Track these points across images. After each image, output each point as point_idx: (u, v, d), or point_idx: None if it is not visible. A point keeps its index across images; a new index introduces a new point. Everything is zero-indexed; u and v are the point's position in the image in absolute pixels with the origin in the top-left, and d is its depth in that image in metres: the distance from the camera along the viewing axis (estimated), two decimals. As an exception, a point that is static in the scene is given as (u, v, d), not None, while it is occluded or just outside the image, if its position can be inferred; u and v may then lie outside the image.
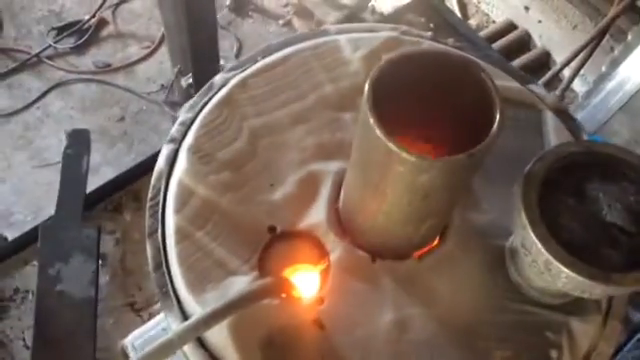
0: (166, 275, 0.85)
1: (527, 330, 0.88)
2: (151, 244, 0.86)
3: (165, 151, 0.94)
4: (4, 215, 2.73)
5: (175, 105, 2.96)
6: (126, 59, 3.26)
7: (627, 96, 2.54)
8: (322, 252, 0.88)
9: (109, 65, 3.24)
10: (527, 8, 3.30)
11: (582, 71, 3.01)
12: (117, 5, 3.40)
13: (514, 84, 1.04)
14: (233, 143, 0.95)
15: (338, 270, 0.87)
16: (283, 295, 0.83)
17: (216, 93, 0.99)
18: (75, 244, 1.56)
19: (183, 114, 0.97)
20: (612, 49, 2.82)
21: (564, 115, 1.02)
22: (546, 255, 0.71)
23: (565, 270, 0.70)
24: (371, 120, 0.68)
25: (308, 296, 0.87)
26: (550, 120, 1.00)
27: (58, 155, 2.82)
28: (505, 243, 0.89)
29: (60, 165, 2.68)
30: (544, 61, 3.29)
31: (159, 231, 0.88)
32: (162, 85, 3.13)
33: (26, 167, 2.90)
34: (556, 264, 0.70)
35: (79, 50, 3.27)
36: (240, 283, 0.84)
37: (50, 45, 3.21)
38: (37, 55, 3.18)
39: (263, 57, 1.04)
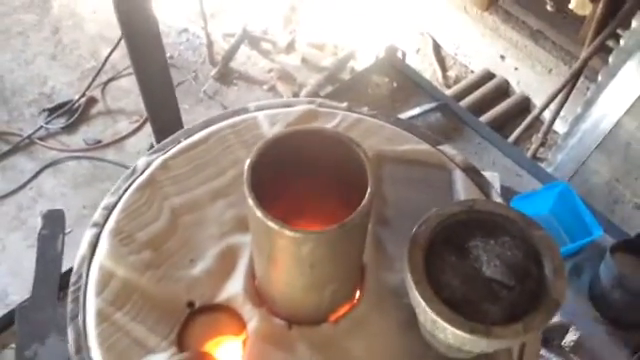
0: (86, 359, 0.88)
1: (442, 387, 0.89)
2: (72, 329, 0.90)
3: (88, 236, 0.99)
4: (0, 297, 2.79)
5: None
6: (116, 134, 3.36)
7: (602, 135, 2.58)
8: (240, 323, 0.91)
9: (100, 141, 3.33)
10: (503, 57, 3.38)
11: (562, 112, 3.07)
12: (106, 83, 3.52)
13: (424, 146, 1.08)
14: (154, 223, 1.00)
15: (256, 339, 0.90)
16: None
17: (139, 176, 1.04)
18: (51, 324, 1.58)
19: (107, 198, 1.02)
20: (588, 90, 2.87)
21: (473, 172, 1.06)
22: (431, 314, 0.74)
23: (448, 326, 0.72)
24: (250, 200, 0.72)
25: (228, 368, 0.89)
26: (459, 179, 1.04)
27: (52, 233, 2.90)
28: (415, 302, 0.92)
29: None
30: (525, 106, 3.36)
31: (80, 316, 0.91)
32: (151, 157, 3.20)
33: (21, 247, 2.96)
34: (440, 322, 0.73)
35: (70, 129, 3.37)
36: None
37: (42, 126, 3.33)
38: (29, 137, 3.29)
39: (185, 138, 1.09)
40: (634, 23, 2.36)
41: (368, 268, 0.95)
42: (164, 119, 1.86)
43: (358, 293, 0.95)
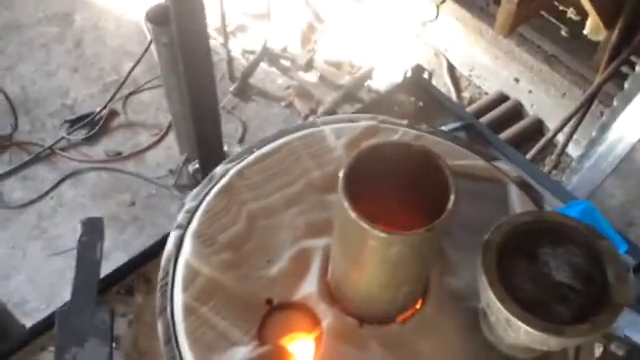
0: (175, 349, 0.95)
1: (503, 384, 0.96)
2: (161, 321, 0.97)
3: (173, 236, 1.06)
4: (19, 304, 2.81)
5: (183, 188, 3.09)
6: (136, 147, 3.41)
7: (617, 159, 2.64)
8: (314, 321, 0.99)
9: (120, 153, 3.38)
10: (517, 80, 3.47)
11: (575, 136, 3.14)
12: (127, 97, 3.58)
13: (480, 162, 1.17)
14: (232, 226, 1.08)
15: (329, 336, 0.97)
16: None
17: (217, 183, 1.12)
18: (90, 328, 1.64)
19: (188, 202, 1.10)
20: (601, 114, 2.94)
21: (527, 187, 1.14)
22: (505, 313, 0.81)
23: (523, 325, 0.80)
24: (345, 203, 0.80)
25: (304, 362, 0.96)
26: (514, 193, 1.12)
27: (71, 243, 2.92)
28: (478, 305, 0.99)
29: (73, 252, 2.78)
30: (537, 128, 3.43)
31: (168, 309, 0.99)
32: (170, 170, 3.26)
33: (40, 256, 3.00)
34: (514, 321, 0.80)
35: (91, 140, 3.43)
36: (242, 353, 0.94)
37: (63, 137, 3.38)
38: (50, 147, 3.35)
39: (258, 148, 1.18)
40: (649, 50, 2.44)
41: (432, 274, 1.03)
42: (207, 122, 1.91)
43: (422, 297, 1.02)
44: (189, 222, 1.08)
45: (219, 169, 1.15)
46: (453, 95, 3.60)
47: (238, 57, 3.72)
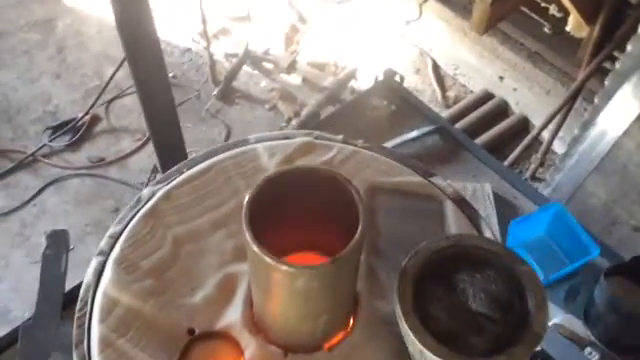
0: (90, 384, 0.92)
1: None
2: (77, 355, 0.94)
3: (93, 264, 1.03)
4: (2, 312, 2.81)
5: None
6: (119, 152, 3.39)
7: (599, 157, 2.61)
8: (238, 350, 0.95)
9: (103, 159, 3.37)
10: (501, 77, 3.43)
11: (560, 133, 3.11)
12: (109, 102, 3.56)
13: (416, 178, 1.13)
14: (157, 251, 1.04)
15: (252, 366, 0.94)
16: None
17: (143, 206, 1.08)
18: (54, 343, 1.62)
19: (112, 227, 1.06)
20: (585, 110, 2.91)
21: (463, 204, 1.10)
22: (419, 345, 0.77)
23: (435, 358, 0.76)
24: (247, 235, 0.76)
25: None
26: (450, 210, 1.08)
27: (55, 250, 2.93)
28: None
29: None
30: (523, 126, 3.40)
31: (85, 342, 0.95)
32: (154, 176, 3.24)
33: (23, 264, 3.00)
34: (428, 353, 0.77)
35: (74, 147, 3.41)
36: (161, 385, 0.91)
37: (45, 144, 3.36)
38: (33, 154, 3.33)
39: (188, 169, 1.14)
40: (629, 47, 2.39)
41: (362, 297, 0.99)
42: (166, 138, 1.89)
43: (352, 321, 0.99)
44: (112, 248, 1.04)
45: (146, 191, 1.11)
46: (438, 94, 3.56)
47: (221, 60, 3.70)
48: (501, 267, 0.82)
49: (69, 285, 1.56)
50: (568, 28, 2.90)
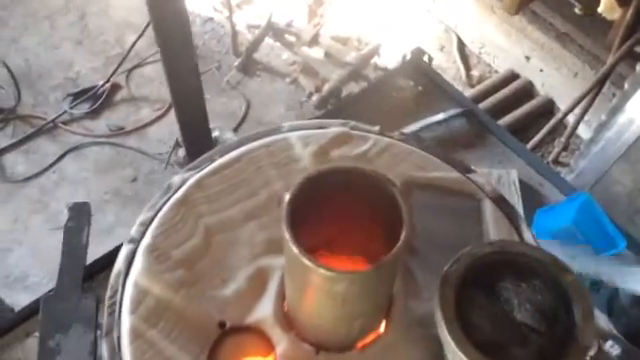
0: (120, 374, 0.90)
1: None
2: (107, 343, 0.93)
3: (124, 251, 1.01)
4: (20, 278, 2.83)
5: (181, 164, 3.06)
6: (138, 122, 3.37)
7: (626, 145, 2.56)
8: (269, 346, 0.94)
9: (122, 128, 3.35)
10: (528, 58, 3.36)
11: (586, 117, 3.06)
12: (130, 70, 3.53)
13: (454, 174, 1.09)
14: (188, 241, 1.02)
15: (283, 363, 0.92)
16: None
17: (174, 193, 1.06)
18: (75, 315, 1.62)
19: (143, 214, 1.04)
20: (613, 96, 2.85)
21: (502, 203, 1.07)
22: (460, 355, 0.75)
23: (476, 369, 0.74)
24: (287, 237, 0.74)
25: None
26: (488, 209, 1.05)
27: (74, 217, 2.93)
28: (442, 332, 0.94)
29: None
30: (548, 108, 3.34)
31: (115, 331, 0.94)
32: (172, 146, 3.22)
33: (42, 230, 3.00)
34: (469, 364, 0.75)
35: (94, 115, 3.39)
36: (191, 379, 0.89)
37: (66, 111, 3.34)
38: (53, 121, 3.31)
39: (219, 156, 1.11)
40: (663, 32, 2.34)
41: (396, 297, 0.97)
42: (190, 109, 1.86)
43: (385, 321, 0.97)
44: (142, 235, 1.03)
45: (176, 178, 1.09)
46: (462, 73, 3.50)
47: (243, 31, 3.64)
48: (547, 276, 0.80)
49: (89, 255, 1.55)
50: (600, 9, 2.83)
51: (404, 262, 1.00)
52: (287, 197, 0.77)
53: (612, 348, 1.60)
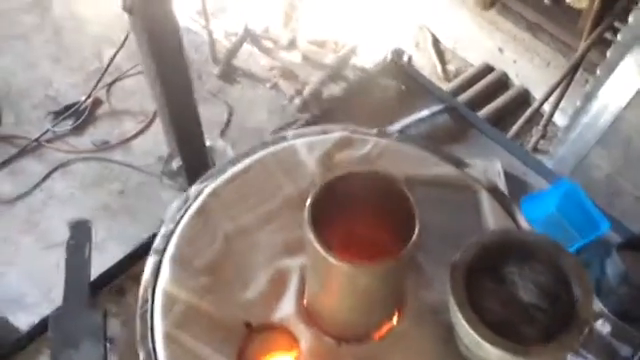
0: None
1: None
2: (143, 348, 0.99)
3: (150, 262, 1.08)
4: (16, 299, 2.82)
5: (174, 176, 3.10)
6: (122, 135, 3.39)
7: (602, 129, 2.64)
8: (293, 341, 1.01)
9: (107, 142, 3.36)
10: (501, 50, 3.45)
11: (561, 105, 3.14)
12: (110, 84, 3.54)
13: (451, 169, 1.18)
14: (209, 248, 1.09)
15: (308, 357, 0.99)
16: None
17: (192, 204, 1.13)
18: (83, 330, 1.67)
19: (165, 226, 1.11)
20: (587, 82, 2.93)
21: (498, 194, 1.15)
22: (474, 335, 0.83)
23: (491, 349, 0.82)
24: (311, 236, 0.81)
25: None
26: (485, 200, 1.13)
27: (64, 235, 2.91)
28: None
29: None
30: (524, 98, 3.43)
31: (149, 336, 1.00)
32: (159, 157, 3.25)
33: (34, 250, 3.00)
34: (484, 344, 0.82)
35: (77, 131, 3.39)
36: (225, 377, 0.96)
37: (49, 129, 3.34)
38: (37, 140, 3.31)
39: (231, 166, 1.18)
40: (631, 18, 2.41)
41: (408, 287, 1.04)
42: (185, 120, 1.91)
43: (399, 311, 1.04)
44: (166, 246, 1.09)
45: (193, 189, 1.16)
46: (438, 68, 3.58)
47: (221, 39, 3.69)
48: (547, 259, 0.88)
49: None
50: (567, -1, 2.91)
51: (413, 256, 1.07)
52: (308, 202, 0.84)
53: (602, 326, 1.68)
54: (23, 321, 2.11)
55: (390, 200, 0.89)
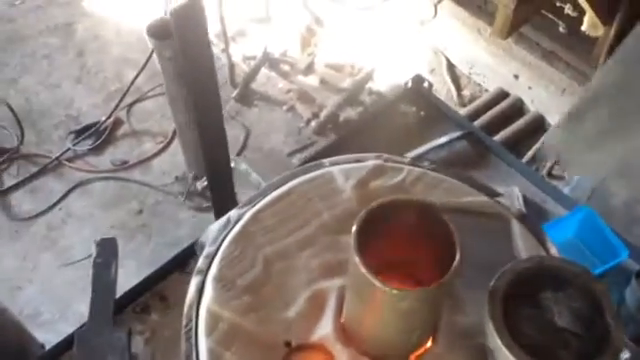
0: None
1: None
2: (188, 367, 1.03)
3: (194, 282, 1.13)
4: (33, 316, 2.86)
5: (194, 197, 3.15)
6: (142, 155, 3.46)
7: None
8: (331, 360, 1.05)
9: (126, 162, 3.43)
10: (516, 76, 3.51)
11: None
12: (130, 105, 3.61)
13: (482, 198, 1.23)
14: (250, 270, 1.14)
15: (346, 376, 1.03)
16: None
17: (233, 227, 1.18)
18: (108, 347, 1.71)
19: (207, 248, 1.16)
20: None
21: (528, 222, 1.19)
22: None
23: (528, 371, 0.86)
24: (357, 259, 0.86)
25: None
26: (516, 228, 1.18)
27: (82, 253, 2.98)
28: (485, 342, 1.05)
29: (84, 262, 2.81)
30: (539, 124, 3.46)
31: (194, 354, 1.05)
32: (176, 177, 3.31)
33: (52, 267, 3.06)
34: (521, 366, 0.86)
35: (97, 150, 3.47)
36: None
37: (69, 148, 3.42)
38: (57, 158, 3.39)
39: (270, 192, 1.23)
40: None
41: (443, 312, 1.09)
42: (214, 142, 1.95)
43: (433, 335, 1.08)
44: (208, 267, 1.14)
45: (233, 213, 1.21)
46: (454, 93, 3.64)
47: (239, 63, 3.75)
48: (580, 285, 0.92)
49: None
50: (583, 27, 2.96)
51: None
52: (354, 228, 0.89)
53: (622, 353, 1.71)
54: (40, 338, 2.15)
55: (429, 227, 0.93)
